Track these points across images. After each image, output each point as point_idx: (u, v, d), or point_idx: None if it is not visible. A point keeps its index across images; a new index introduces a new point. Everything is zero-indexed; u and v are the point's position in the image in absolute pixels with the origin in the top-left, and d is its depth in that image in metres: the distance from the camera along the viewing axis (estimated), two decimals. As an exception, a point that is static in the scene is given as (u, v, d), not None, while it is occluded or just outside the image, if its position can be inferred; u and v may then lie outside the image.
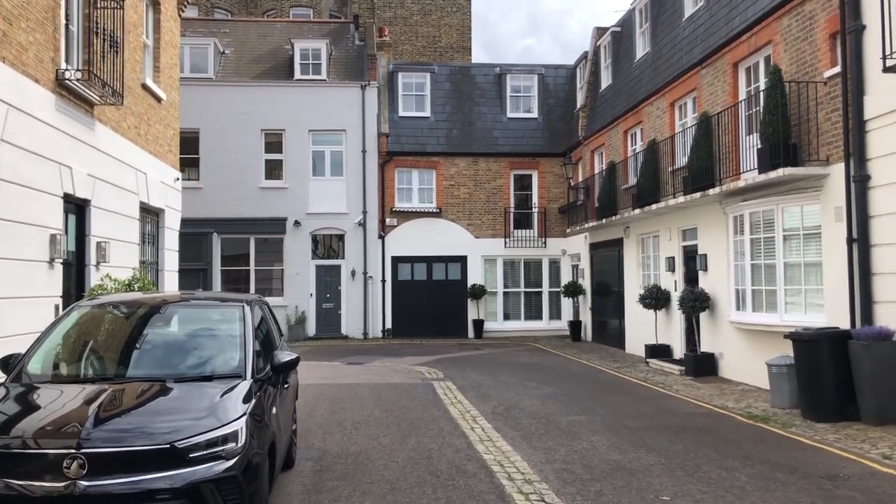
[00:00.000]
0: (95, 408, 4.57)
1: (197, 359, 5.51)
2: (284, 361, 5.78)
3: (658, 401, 11.88)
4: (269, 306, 7.54)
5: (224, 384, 5.14)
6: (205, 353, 5.59)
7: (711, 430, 9.47)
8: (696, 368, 14.26)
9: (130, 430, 4.47)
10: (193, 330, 5.93)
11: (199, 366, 5.42)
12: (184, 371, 5.31)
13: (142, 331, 5.86)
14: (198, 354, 5.56)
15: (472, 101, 25.45)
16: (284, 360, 5.79)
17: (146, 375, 5.26)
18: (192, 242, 23.42)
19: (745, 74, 13.53)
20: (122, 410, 4.72)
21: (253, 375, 5.37)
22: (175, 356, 5.52)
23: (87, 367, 5.49)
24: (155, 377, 5.23)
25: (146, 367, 5.40)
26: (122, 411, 4.71)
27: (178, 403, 4.84)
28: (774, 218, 11.90)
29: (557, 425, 9.84)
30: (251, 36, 26.37)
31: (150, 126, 13.12)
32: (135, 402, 4.87)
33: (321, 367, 16.54)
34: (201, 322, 6.05)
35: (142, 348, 5.64)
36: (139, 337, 5.78)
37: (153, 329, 5.87)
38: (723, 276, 13.94)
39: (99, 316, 6.00)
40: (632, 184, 18.63)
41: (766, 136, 11.36)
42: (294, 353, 6.00)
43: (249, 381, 5.28)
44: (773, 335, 12.05)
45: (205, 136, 23.73)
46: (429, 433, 9.31)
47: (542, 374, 15.38)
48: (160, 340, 5.73)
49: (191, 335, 5.85)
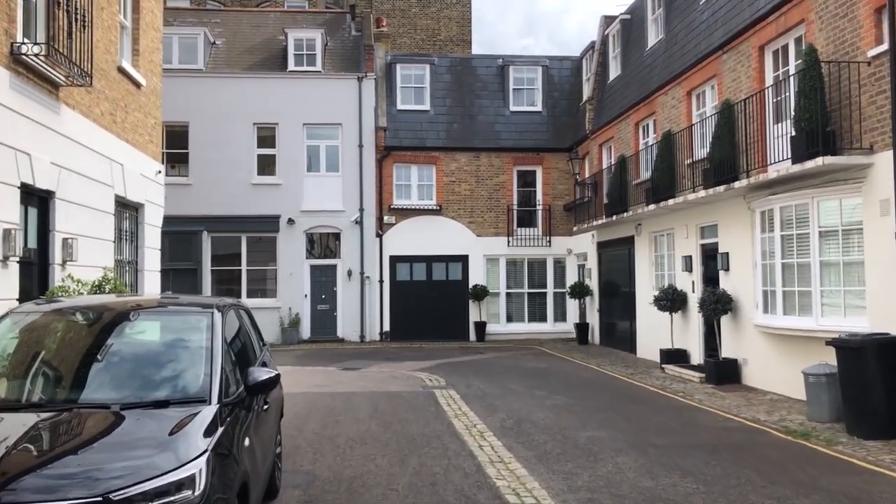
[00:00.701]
0: (8, 447, 3.54)
1: (151, 380, 4.48)
2: (260, 381, 4.74)
3: (682, 412, 10.86)
4: (247, 311, 6.50)
5: (183, 411, 4.12)
6: (161, 372, 4.55)
7: (748, 448, 8.45)
8: (717, 376, 13.25)
9: (54, 476, 3.45)
10: (150, 343, 4.89)
11: (153, 388, 4.39)
12: (133, 395, 4.28)
13: (87, 344, 4.83)
14: (152, 374, 4.53)
15: (473, 93, 24.42)
16: (260, 379, 4.74)
17: (86, 401, 4.24)
18: (181, 241, 22.48)
19: (773, 58, 12.52)
20: (47, 451, 3.70)
21: (220, 399, 4.34)
22: (123, 377, 4.48)
23: (11, 391, 4.44)
24: (97, 403, 4.20)
25: (87, 391, 4.37)
26: (46, 452, 3.69)
27: (122, 438, 3.82)
28: (809, 212, 10.88)
29: (575, 443, 8.82)
30: (243, 26, 25.31)
31: (128, 113, 12.08)
32: (66, 438, 3.85)
33: (315, 373, 15.53)
34: (160, 333, 5.01)
35: (84, 367, 4.60)
36: (83, 352, 4.75)
37: (101, 342, 4.84)
38: (747, 277, 12.93)
39: (38, 325, 4.96)
40: (644, 178, 17.63)
41: (801, 122, 10.34)
42: (274, 370, 4.96)
43: (215, 406, 4.25)
44: (806, 340, 11.04)
45: (194, 129, 22.69)
46: (432, 453, 8.29)
47: (551, 381, 14.36)
48: (108, 357, 4.69)
49: (147, 350, 4.81)
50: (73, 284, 8.55)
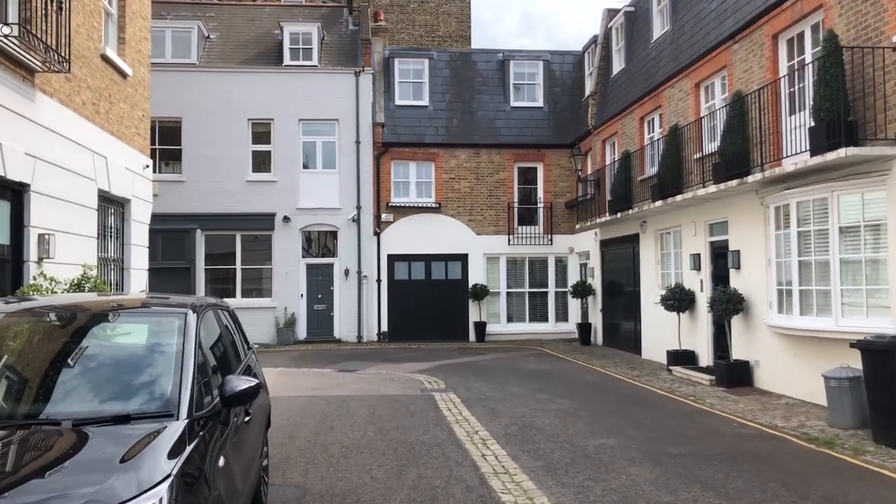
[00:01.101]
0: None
1: (111, 391, 3.91)
2: (238, 392, 4.17)
3: (694, 418, 10.31)
4: (230, 312, 5.95)
5: (146, 428, 3.57)
6: (124, 382, 3.98)
7: (769, 458, 7.91)
8: (728, 378, 12.72)
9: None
10: (114, 349, 4.32)
11: (113, 401, 3.82)
12: (88, 410, 3.72)
13: (46, 350, 4.27)
14: (113, 385, 3.95)
15: (473, 89, 23.86)
16: (238, 389, 4.17)
17: (32, 417, 3.68)
18: (174, 239, 21.95)
19: (787, 47, 11.98)
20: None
21: (191, 413, 3.79)
22: (80, 388, 3.91)
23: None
24: (48, 418, 3.65)
25: (35, 405, 3.81)
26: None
27: (68, 463, 3.26)
28: (828, 207, 10.33)
29: (584, 452, 8.27)
30: (238, 19, 24.74)
31: (113, 104, 11.52)
32: (8, 460, 3.29)
33: (310, 376, 14.98)
34: (127, 337, 4.45)
35: (36, 376, 4.04)
36: (39, 359, 4.19)
37: (61, 348, 4.27)
38: (760, 275, 12.40)
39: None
40: (649, 174, 17.09)
41: (821, 112, 9.80)
42: (254, 379, 4.39)
43: (184, 421, 3.70)
44: (824, 342, 10.51)
45: (187, 125, 22.14)
46: (432, 463, 7.74)
47: (554, 383, 13.82)
48: (65, 364, 4.12)
49: (110, 356, 4.23)
50: (46, 283, 7.99)
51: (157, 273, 20.85)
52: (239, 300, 22.13)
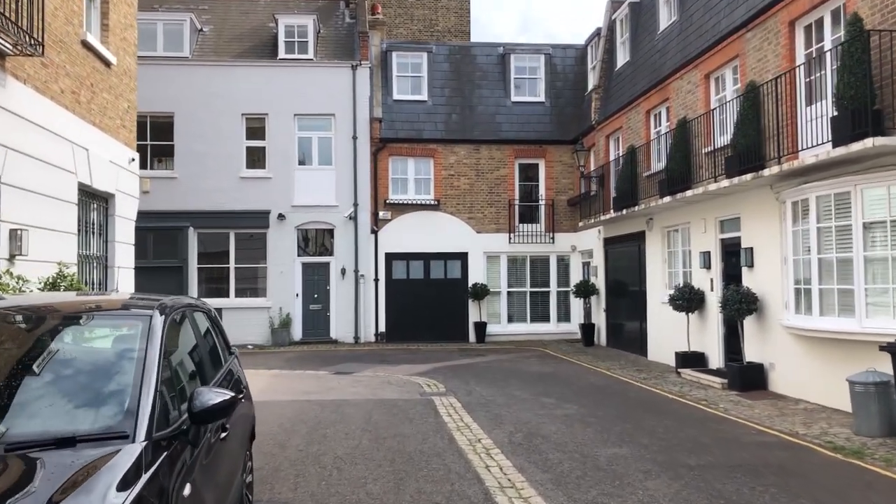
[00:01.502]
0: None
1: (58, 408, 3.32)
2: (210, 406, 3.57)
3: (709, 425, 9.75)
4: (209, 313, 5.37)
5: (94, 452, 3.00)
6: (73, 396, 3.40)
7: (796, 471, 7.34)
8: (741, 381, 12.16)
9: None
10: (67, 357, 3.72)
11: (59, 419, 3.24)
12: (30, 431, 3.13)
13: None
14: (61, 399, 3.36)
15: (472, 83, 23.26)
16: (209, 404, 3.58)
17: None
18: (166, 238, 21.38)
19: (805, 34, 11.41)
20: None
21: (150, 433, 3.22)
22: (20, 403, 3.33)
23: None
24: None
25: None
26: None
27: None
28: (851, 202, 9.76)
29: (596, 462, 7.70)
30: (232, 12, 24.14)
31: (95, 94, 10.93)
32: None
33: (304, 378, 14.40)
34: (83, 343, 3.86)
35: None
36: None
37: (8, 355, 3.68)
38: (775, 274, 11.83)
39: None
40: (655, 170, 16.53)
41: (845, 100, 9.23)
42: (229, 392, 3.78)
43: (141, 444, 3.12)
44: (846, 344, 9.95)
45: (180, 120, 21.55)
46: (432, 476, 7.16)
47: (559, 386, 13.25)
48: (9, 374, 3.53)
49: (62, 366, 3.63)
50: (12, 281, 7.40)
51: (149, 272, 20.27)
52: (233, 300, 21.57)
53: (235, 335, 21.28)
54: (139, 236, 19.17)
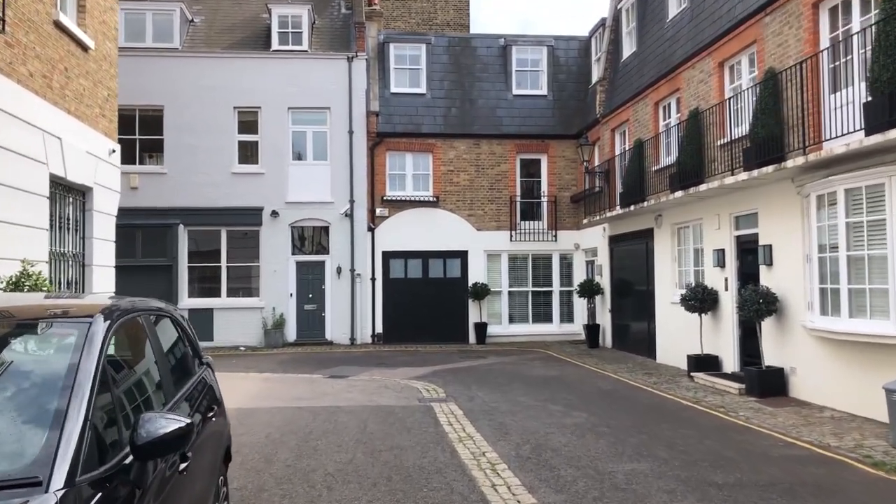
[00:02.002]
0: None
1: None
2: (159, 437, 2.83)
3: (731, 435, 9.02)
4: (174, 318, 4.63)
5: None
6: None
7: (836, 490, 6.62)
8: (760, 387, 11.44)
9: None
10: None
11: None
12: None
13: None
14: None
15: (473, 76, 22.52)
16: (160, 433, 2.83)
17: None
18: (155, 235, 20.66)
19: (829, 16, 10.69)
20: None
21: (74, 475, 2.49)
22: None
23: None
24: None
25: None
26: None
27: None
28: (885, 194, 9.04)
29: (613, 480, 6.97)
30: (223, 2, 23.37)
31: (70, 79, 10.18)
32: None
33: (297, 382, 13.66)
34: (8, 359, 3.12)
35: None
36: None
37: None
38: (796, 272, 11.11)
39: None
40: (665, 164, 15.80)
41: (880, 84, 8.51)
42: (186, 418, 3.02)
43: (56, 494, 2.38)
44: (878, 348, 9.23)
45: (169, 114, 20.80)
46: (433, 496, 6.43)
47: (566, 392, 12.53)
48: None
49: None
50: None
51: (137, 271, 19.56)
52: (224, 300, 20.86)
53: (227, 336, 20.67)
54: (127, 234, 18.53)
